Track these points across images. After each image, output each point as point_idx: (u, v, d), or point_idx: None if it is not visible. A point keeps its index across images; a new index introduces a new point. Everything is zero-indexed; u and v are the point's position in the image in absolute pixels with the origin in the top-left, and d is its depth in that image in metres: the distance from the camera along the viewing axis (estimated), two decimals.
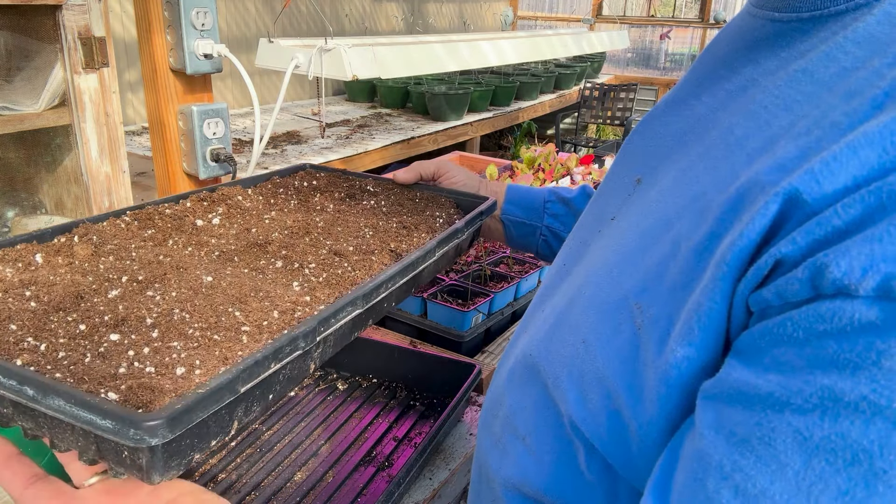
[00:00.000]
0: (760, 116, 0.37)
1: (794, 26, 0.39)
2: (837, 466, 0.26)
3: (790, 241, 0.30)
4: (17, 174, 1.08)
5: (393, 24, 4.58)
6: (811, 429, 0.27)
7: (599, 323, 0.41)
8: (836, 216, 0.28)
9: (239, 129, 2.92)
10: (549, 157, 2.06)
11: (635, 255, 0.41)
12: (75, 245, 0.62)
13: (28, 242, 0.61)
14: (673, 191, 0.41)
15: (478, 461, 0.55)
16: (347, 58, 1.62)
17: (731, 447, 0.30)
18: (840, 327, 0.27)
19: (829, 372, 0.27)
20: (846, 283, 0.27)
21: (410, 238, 0.75)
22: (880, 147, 0.28)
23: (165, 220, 0.72)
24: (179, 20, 0.95)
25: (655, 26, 6.37)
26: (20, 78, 0.94)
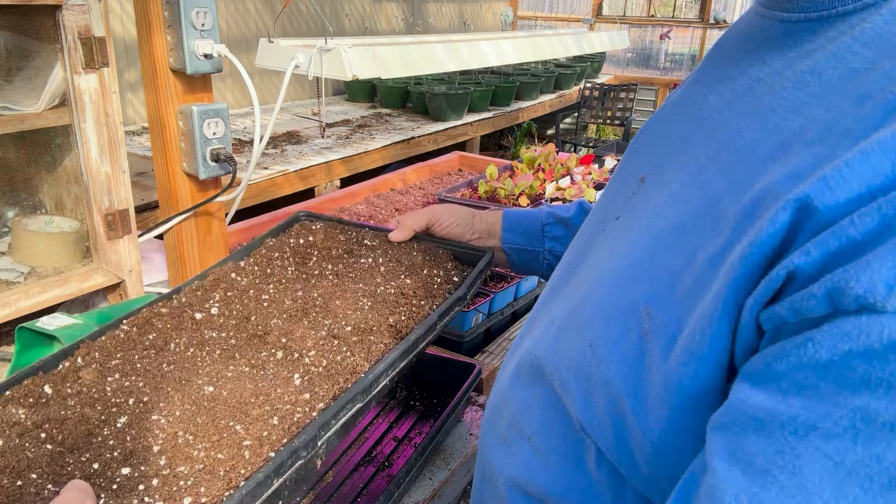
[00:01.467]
0: (769, 119, 0.37)
1: (803, 26, 0.38)
2: (874, 492, 0.24)
3: (804, 253, 0.28)
4: (17, 174, 1.08)
5: (393, 24, 4.57)
6: (843, 453, 0.25)
7: (607, 327, 0.40)
8: (852, 226, 0.27)
9: (239, 129, 2.92)
10: (549, 157, 2.06)
11: (647, 261, 0.40)
12: (80, 369, 0.64)
13: (34, 375, 0.63)
14: (684, 194, 0.40)
15: (481, 461, 0.55)
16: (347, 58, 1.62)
17: (748, 479, 0.27)
18: (868, 345, 0.25)
19: (859, 392, 0.25)
20: (871, 300, 0.25)
21: (410, 307, 0.75)
22: (894, 154, 0.27)
23: (164, 320, 0.73)
24: (179, 20, 0.95)
25: (655, 26, 6.37)
26: (20, 78, 0.94)
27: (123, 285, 1.02)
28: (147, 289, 1.10)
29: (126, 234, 1.00)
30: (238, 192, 1.12)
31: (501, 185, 1.80)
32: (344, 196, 1.91)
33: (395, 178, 2.11)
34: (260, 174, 2.17)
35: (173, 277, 1.14)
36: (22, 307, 0.92)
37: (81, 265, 1.01)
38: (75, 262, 1.02)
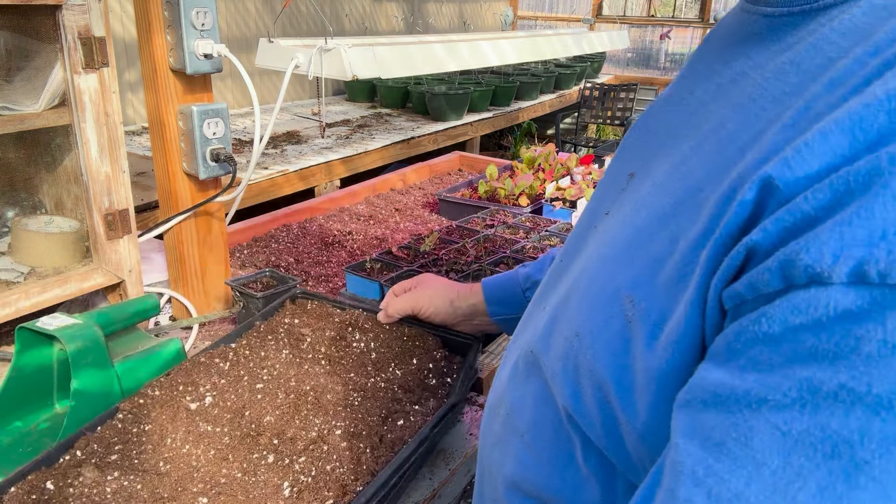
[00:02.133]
0: (750, 109, 0.37)
1: (785, 20, 0.39)
2: (817, 461, 0.25)
3: (761, 230, 0.29)
4: (16, 174, 1.07)
5: (393, 23, 4.57)
6: (789, 423, 0.26)
7: (592, 315, 0.41)
8: (805, 202, 0.28)
9: (239, 129, 2.92)
10: (549, 157, 2.06)
11: (630, 249, 0.41)
12: (81, 464, 0.67)
13: (37, 470, 0.65)
14: (667, 185, 0.41)
15: (480, 462, 0.56)
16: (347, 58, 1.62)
17: (705, 452, 0.28)
18: (816, 318, 0.26)
19: (807, 364, 0.26)
20: (818, 271, 0.26)
21: (402, 408, 0.78)
22: (850, 133, 0.27)
23: (157, 408, 0.75)
24: (179, 20, 0.95)
25: (655, 26, 6.37)
26: (20, 78, 0.94)
27: (123, 285, 1.02)
28: (147, 289, 1.10)
29: (126, 234, 1.00)
30: (238, 192, 1.12)
31: (501, 185, 1.80)
32: (344, 196, 1.91)
33: (395, 178, 2.11)
34: (260, 174, 2.17)
35: (173, 277, 1.14)
36: (22, 307, 0.92)
37: (81, 265, 1.01)
38: (75, 262, 1.02)
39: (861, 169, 0.26)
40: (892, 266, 0.24)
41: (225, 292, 1.17)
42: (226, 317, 1.10)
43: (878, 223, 0.25)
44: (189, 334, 1.08)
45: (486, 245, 1.42)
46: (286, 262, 1.46)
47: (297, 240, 1.60)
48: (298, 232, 1.64)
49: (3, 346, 1.02)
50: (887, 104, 0.27)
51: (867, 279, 0.25)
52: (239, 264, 1.43)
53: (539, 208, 1.75)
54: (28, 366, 0.81)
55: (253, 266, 1.43)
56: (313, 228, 1.67)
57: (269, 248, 1.54)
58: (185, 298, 1.13)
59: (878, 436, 0.23)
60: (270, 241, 1.58)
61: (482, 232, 1.50)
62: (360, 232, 1.66)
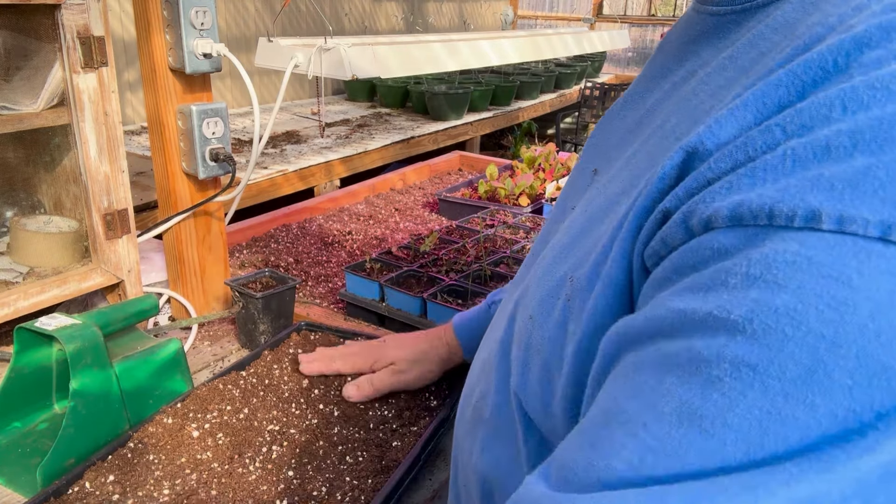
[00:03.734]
0: (691, 103, 0.39)
1: (730, 18, 0.41)
2: (683, 378, 0.27)
3: (672, 196, 0.32)
4: (15, 174, 1.07)
5: (393, 23, 4.57)
6: (666, 348, 0.29)
7: (543, 299, 0.43)
8: (708, 170, 0.31)
9: (238, 128, 2.92)
10: (550, 157, 2.06)
11: (579, 237, 0.43)
12: (87, 497, 0.67)
13: (46, 501, 0.66)
14: (617, 177, 0.44)
15: (455, 450, 0.58)
16: (347, 57, 1.62)
17: (609, 385, 0.32)
18: (703, 258, 0.29)
19: (685, 297, 0.29)
20: (708, 217, 0.29)
21: (401, 430, 0.79)
22: (754, 108, 0.31)
23: (167, 437, 0.76)
24: (178, 19, 0.95)
25: (656, 25, 6.36)
26: (19, 77, 0.93)
27: (122, 285, 1.02)
28: (146, 289, 1.10)
29: (125, 234, 1.00)
30: (237, 192, 1.12)
31: (501, 185, 1.80)
32: (343, 196, 1.90)
33: (395, 178, 2.10)
34: (259, 174, 2.17)
35: (172, 277, 1.14)
36: (21, 307, 0.92)
37: (80, 265, 1.01)
38: (74, 262, 1.01)
39: (756, 138, 0.29)
40: (761, 208, 0.27)
41: (224, 292, 1.17)
42: (225, 317, 1.10)
43: (758, 178, 0.28)
44: (188, 334, 1.08)
45: (486, 245, 1.41)
46: (286, 262, 1.46)
47: (297, 240, 1.59)
48: (298, 232, 1.64)
49: (1, 346, 1.02)
50: (785, 79, 0.30)
51: (742, 221, 0.28)
52: (238, 264, 1.43)
53: (539, 208, 1.75)
54: (27, 366, 0.81)
55: (252, 266, 1.42)
56: (313, 228, 1.67)
57: (269, 247, 1.54)
58: (184, 298, 1.13)
59: (730, 356, 0.26)
60: (270, 240, 1.58)
61: (482, 232, 1.49)
62: (359, 232, 1.66)
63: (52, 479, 0.70)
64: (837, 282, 0.25)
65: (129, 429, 0.79)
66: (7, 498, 0.73)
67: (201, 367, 1.02)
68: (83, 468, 0.71)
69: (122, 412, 0.80)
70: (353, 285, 1.22)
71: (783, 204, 0.27)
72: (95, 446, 0.76)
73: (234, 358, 1.05)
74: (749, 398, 0.25)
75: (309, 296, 1.31)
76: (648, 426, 0.28)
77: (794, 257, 0.26)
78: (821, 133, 0.27)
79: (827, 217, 0.25)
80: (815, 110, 0.28)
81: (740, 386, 0.25)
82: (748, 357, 0.25)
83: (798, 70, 0.30)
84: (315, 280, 1.38)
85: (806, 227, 0.26)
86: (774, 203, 0.27)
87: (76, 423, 0.74)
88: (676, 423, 0.27)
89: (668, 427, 0.27)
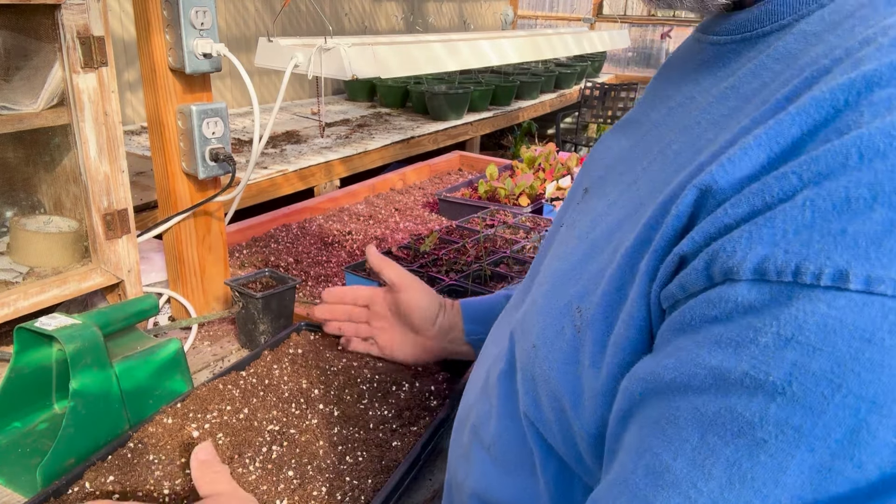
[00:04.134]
0: (693, 131, 0.40)
1: (730, 48, 0.42)
2: (726, 439, 0.28)
3: (689, 240, 0.32)
4: (15, 174, 1.07)
5: (393, 23, 4.57)
6: (706, 405, 0.29)
7: (546, 327, 0.43)
8: (725, 215, 0.31)
9: (238, 128, 2.92)
10: (550, 157, 2.06)
11: (581, 264, 0.43)
12: (86, 498, 0.67)
13: (46, 501, 0.66)
14: (619, 202, 0.44)
15: (448, 473, 0.57)
16: (347, 57, 1.62)
17: (643, 433, 0.32)
18: (726, 311, 0.29)
19: (715, 352, 0.29)
20: (730, 268, 0.29)
21: (401, 430, 0.79)
22: (767, 147, 0.31)
23: (167, 437, 0.76)
24: (178, 19, 0.95)
25: (656, 26, 6.37)
26: (19, 77, 0.93)
27: (122, 285, 1.02)
28: (146, 289, 1.10)
29: (125, 234, 1.00)
30: (237, 192, 1.12)
31: (501, 185, 1.80)
32: (343, 196, 1.90)
33: (395, 178, 2.10)
34: (259, 174, 2.17)
35: (172, 277, 1.14)
36: (20, 307, 0.92)
37: (80, 265, 1.01)
38: (74, 262, 1.01)
39: (773, 185, 0.29)
40: (787, 265, 0.27)
41: (224, 292, 1.17)
42: (225, 317, 1.10)
43: (779, 229, 0.28)
44: (188, 334, 1.08)
45: (486, 245, 1.41)
46: (285, 261, 1.46)
47: (297, 240, 1.59)
48: (298, 232, 1.64)
49: (1, 346, 1.02)
50: (797, 118, 0.30)
51: (766, 276, 0.28)
52: (238, 264, 1.43)
53: (539, 208, 1.75)
54: (27, 366, 0.81)
55: (252, 266, 1.42)
56: (313, 228, 1.67)
57: (269, 247, 1.54)
58: (184, 298, 1.13)
59: (773, 418, 0.26)
60: (270, 240, 1.58)
61: (482, 232, 1.49)
62: (359, 232, 1.66)
63: (52, 479, 0.70)
64: (871, 343, 0.25)
65: (129, 429, 0.79)
66: (7, 498, 0.73)
67: (201, 367, 1.02)
68: (83, 468, 0.70)
69: (122, 412, 0.80)
70: (354, 285, 1.22)
71: (809, 262, 0.27)
72: (95, 446, 0.76)
73: (234, 358, 1.05)
74: (797, 459, 0.26)
75: (309, 296, 1.31)
76: (699, 488, 0.28)
77: (824, 319, 0.26)
78: (839, 183, 0.27)
79: (854, 278, 0.26)
80: (831, 158, 0.28)
81: (787, 447, 0.26)
82: (791, 419, 0.26)
83: (809, 108, 0.30)
84: (315, 280, 1.38)
85: (833, 286, 0.26)
86: (801, 261, 0.27)
87: (76, 423, 0.74)
88: (728, 485, 0.27)
89: (719, 489, 0.28)
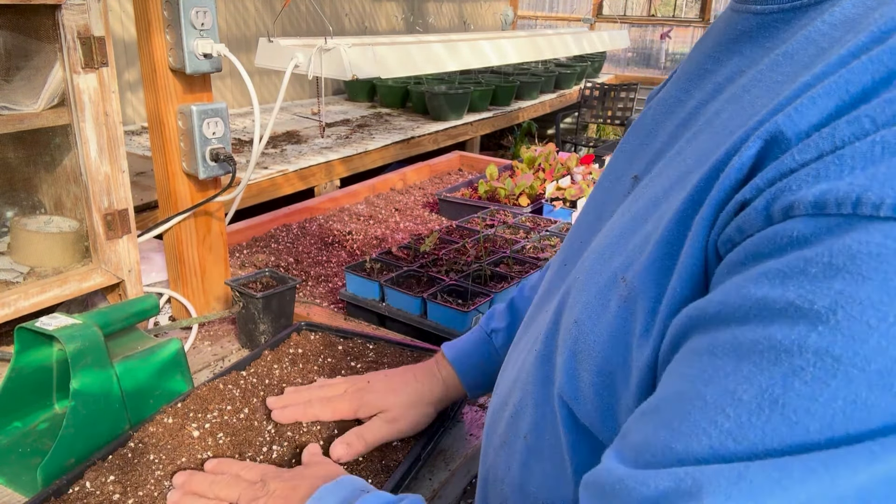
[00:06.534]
0: (744, 99, 0.38)
1: (777, 17, 0.40)
2: (762, 366, 0.27)
3: (751, 186, 0.32)
4: (15, 174, 1.07)
5: (393, 23, 4.57)
6: (745, 335, 0.29)
7: (590, 302, 0.42)
8: (792, 160, 0.30)
9: (238, 128, 2.92)
10: (550, 157, 2.06)
11: (625, 236, 0.42)
12: (88, 496, 0.67)
13: (46, 500, 0.66)
14: (662, 173, 0.42)
15: (484, 465, 0.56)
16: (347, 57, 1.62)
17: (680, 365, 0.32)
18: (780, 246, 0.29)
19: (762, 285, 0.29)
20: (790, 204, 0.29)
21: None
22: (837, 96, 0.30)
23: (168, 437, 0.76)
24: (179, 20, 0.95)
25: (656, 26, 6.37)
26: (19, 77, 0.94)
27: (123, 285, 1.02)
28: (146, 289, 1.10)
29: (125, 234, 1.00)
30: (238, 192, 1.12)
31: (501, 185, 1.80)
32: (344, 196, 1.91)
33: (395, 178, 2.10)
34: (259, 174, 2.17)
35: (172, 277, 1.14)
36: (21, 307, 0.92)
37: (80, 265, 1.01)
38: (74, 262, 1.01)
39: (844, 129, 0.29)
40: (848, 196, 0.27)
41: (224, 292, 1.17)
42: (225, 317, 1.10)
43: (846, 166, 0.27)
44: (188, 334, 1.08)
45: (486, 245, 1.41)
46: (286, 261, 1.46)
47: (297, 240, 1.59)
48: (298, 232, 1.64)
49: (2, 346, 1.02)
50: (870, 66, 0.29)
51: (826, 209, 0.27)
52: (238, 264, 1.43)
53: (539, 208, 1.75)
54: (27, 366, 0.81)
55: (252, 266, 1.43)
56: (313, 228, 1.67)
57: (269, 247, 1.54)
58: (184, 298, 1.13)
59: (813, 346, 0.26)
60: (270, 240, 1.58)
61: (482, 232, 1.49)
62: (359, 232, 1.66)
63: (53, 479, 0.70)
64: None
65: (130, 429, 0.79)
66: (7, 498, 0.73)
67: (201, 367, 1.02)
68: (83, 468, 0.71)
69: (123, 412, 0.80)
70: (354, 285, 1.22)
71: (871, 192, 0.26)
72: (96, 446, 0.76)
73: (235, 358, 1.05)
74: (832, 387, 0.25)
75: (309, 296, 1.31)
76: (728, 413, 0.28)
77: (878, 249, 0.25)
78: None
79: None
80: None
81: (823, 375, 0.26)
82: (832, 348, 0.26)
83: (884, 56, 0.29)
84: (315, 280, 1.38)
85: (892, 217, 0.25)
86: (863, 191, 0.26)
87: (76, 423, 0.74)
88: (757, 411, 0.27)
89: (748, 414, 0.27)
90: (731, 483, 0.26)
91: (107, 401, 0.78)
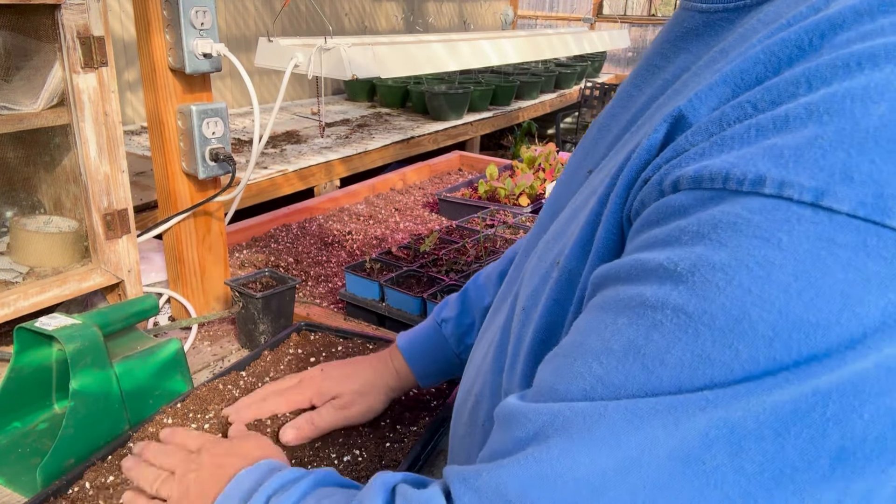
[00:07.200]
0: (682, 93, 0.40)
1: (721, 16, 0.42)
2: (631, 320, 0.31)
3: (653, 165, 0.35)
4: (15, 174, 1.07)
5: (393, 23, 4.57)
6: (625, 292, 0.32)
7: (535, 289, 0.45)
8: (686, 141, 0.33)
9: (238, 128, 2.92)
10: (550, 157, 2.06)
11: (564, 227, 0.45)
12: (87, 499, 0.67)
13: (46, 500, 0.67)
14: (604, 168, 0.45)
15: (451, 453, 0.58)
16: (347, 57, 1.62)
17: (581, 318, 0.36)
18: (665, 215, 0.32)
19: (644, 249, 0.32)
20: (676, 179, 0.31)
21: (400, 430, 0.78)
22: (732, 83, 0.33)
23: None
24: (178, 19, 0.95)
25: (656, 25, 6.36)
26: (19, 77, 0.93)
27: (122, 285, 1.02)
28: (146, 289, 1.10)
29: (125, 234, 1.00)
30: (237, 192, 1.12)
31: (502, 185, 1.80)
32: (343, 196, 1.90)
33: (395, 178, 2.10)
34: (259, 174, 2.17)
35: (172, 277, 1.14)
36: (20, 307, 0.92)
37: (80, 265, 1.01)
38: (74, 262, 1.01)
39: (729, 113, 0.31)
40: (719, 173, 0.29)
41: (224, 292, 1.17)
42: (225, 317, 1.10)
43: (726, 147, 0.30)
44: (188, 334, 1.08)
45: (486, 245, 1.41)
46: (285, 261, 1.46)
47: (297, 240, 1.59)
48: (298, 232, 1.64)
49: (1, 346, 1.02)
50: (763, 57, 0.32)
51: (702, 184, 0.30)
52: (238, 264, 1.43)
53: (539, 208, 1.75)
54: (27, 366, 0.81)
55: (252, 266, 1.42)
56: (313, 228, 1.67)
57: (269, 247, 1.54)
58: (183, 299, 1.13)
59: (672, 303, 0.29)
60: (270, 240, 1.58)
61: (482, 232, 1.49)
62: (359, 232, 1.66)
63: (52, 479, 0.70)
64: (768, 243, 0.27)
65: (129, 429, 0.79)
66: (7, 498, 0.73)
67: (201, 367, 1.02)
68: (83, 468, 0.70)
69: (122, 412, 0.80)
70: (353, 285, 1.22)
71: (737, 169, 0.29)
72: (95, 446, 0.76)
73: (234, 358, 1.05)
74: (683, 342, 0.29)
75: (309, 296, 1.31)
76: (601, 359, 0.32)
77: (735, 219, 0.28)
78: (784, 108, 0.29)
79: (770, 182, 0.28)
80: (783, 87, 0.30)
81: (677, 330, 0.29)
82: (686, 305, 0.29)
83: (775, 48, 0.31)
84: (315, 280, 1.38)
85: (752, 191, 0.28)
86: (731, 168, 0.29)
87: (76, 423, 0.74)
88: (623, 358, 0.31)
89: (615, 362, 0.31)
90: (594, 420, 0.30)
91: (106, 401, 0.78)
